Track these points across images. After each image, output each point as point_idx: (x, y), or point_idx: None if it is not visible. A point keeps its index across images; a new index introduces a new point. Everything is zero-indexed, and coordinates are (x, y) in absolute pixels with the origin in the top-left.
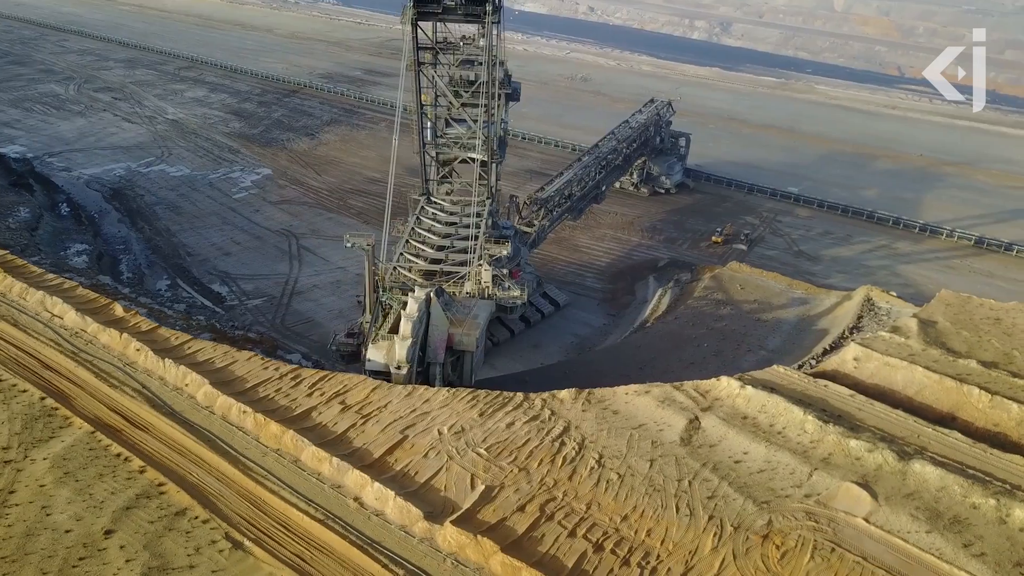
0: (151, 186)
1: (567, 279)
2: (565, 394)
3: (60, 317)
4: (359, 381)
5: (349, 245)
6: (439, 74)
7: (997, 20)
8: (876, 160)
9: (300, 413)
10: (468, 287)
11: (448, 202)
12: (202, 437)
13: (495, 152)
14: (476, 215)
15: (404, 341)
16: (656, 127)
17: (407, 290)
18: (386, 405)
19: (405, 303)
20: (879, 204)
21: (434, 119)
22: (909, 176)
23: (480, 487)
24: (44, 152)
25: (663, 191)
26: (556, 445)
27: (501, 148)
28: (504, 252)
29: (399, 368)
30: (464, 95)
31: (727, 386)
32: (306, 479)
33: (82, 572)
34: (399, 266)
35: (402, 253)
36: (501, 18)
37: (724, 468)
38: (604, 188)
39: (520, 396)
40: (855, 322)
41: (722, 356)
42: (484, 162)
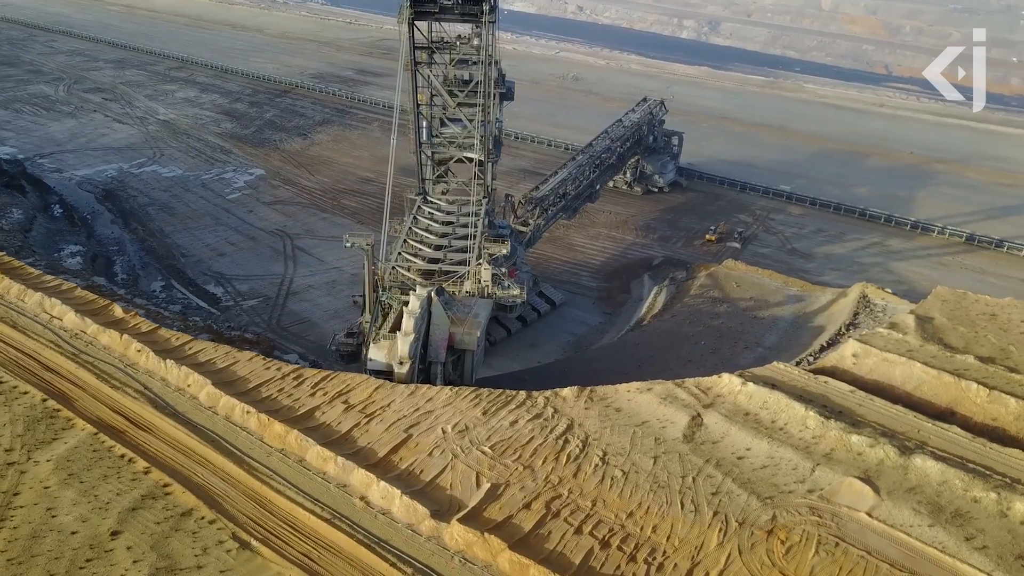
0: (143, 187)
1: (562, 278)
2: (567, 392)
3: (59, 319)
4: (362, 380)
5: (349, 245)
6: (434, 73)
7: (983, 19)
8: (867, 158)
9: (303, 413)
10: (468, 286)
11: (444, 201)
12: (206, 438)
13: (491, 151)
14: (475, 214)
15: (407, 337)
16: (649, 126)
17: (406, 290)
18: (389, 404)
19: (405, 302)
20: (871, 202)
21: (430, 119)
22: (900, 174)
23: (486, 485)
24: (35, 153)
25: (656, 190)
26: (560, 443)
27: (496, 147)
28: (504, 251)
29: (401, 364)
30: (459, 95)
31: (728, 383)
32: (311, 478)
33: (90, 573)
34: (398, 266)
35: (400, 253)
36: (497, 17)
37: (727, 464)
38: (598, 187)
39: (523, 394)
40: (851, 319)
41: (720, 354)
42: (480, 161)
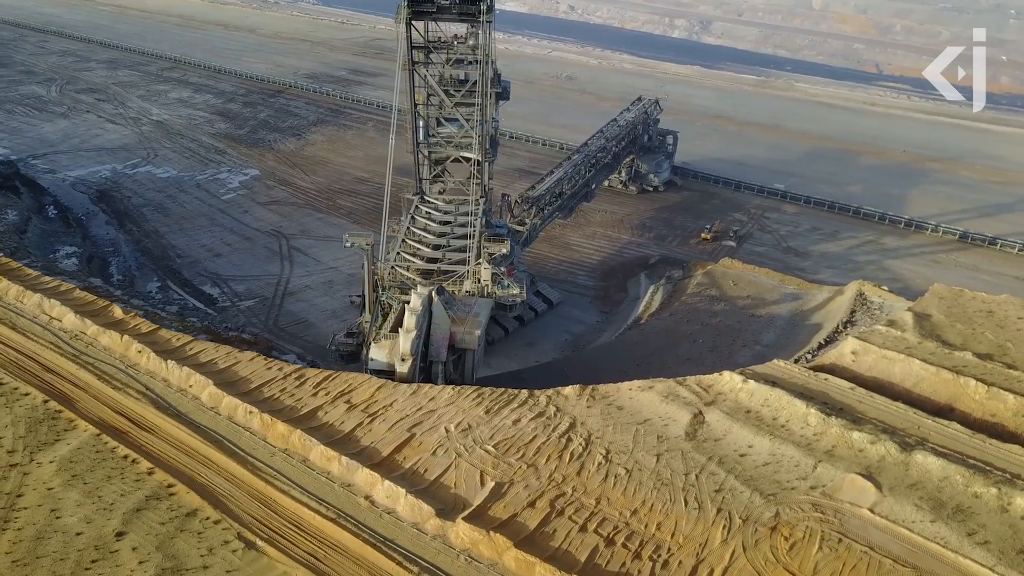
0: (138, 188)
1: (559, 277)
2: (569, 391)
3: (59, 320)
4: (364, 380)
5: (348, 245)
6: (431, 73)
7: (973, 17)
8: (860, 156)
9: (306, 413)
10: (467, 285)
11: (442, 201)
12: (209, 438)
13: (487, 151)
14: (472, 214)
15: (408, 334)
16: (644, 125)
17: (406, 289)
18: (392, 404)
19: (405, 302)
20: (865, 200)
21: (426, 118)
22: (893, 172)
23: (490, 484)
24: (28, 154)
25: (651, 189)
26: (563, 441)
27: (493, 147)
28: (504, 250)
29: (403, 360)
30: (456, 95)
31: (730, 380)
32: (315, 478)
33: (95, 574)
34: (397, 266)
35: (399, 253)
36: (493, 17)
37: (730, 462)
38: (594, 186)
39: (525, 393)
40: (848, 316)
41: (718, 352)
42: (477, 161)
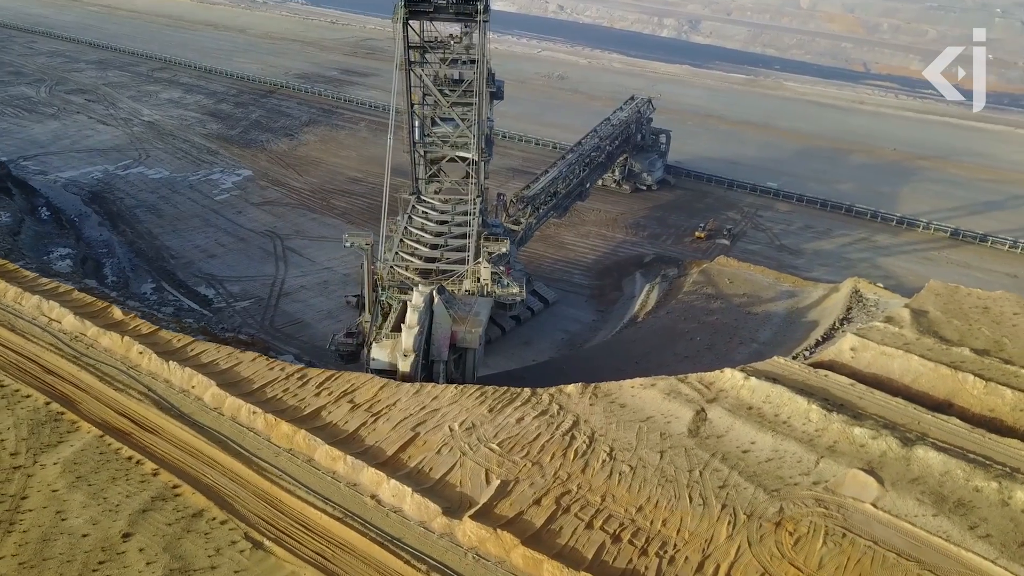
0: (130, 188)
1: (554, 276)
2: (572, 389)
3: (58, 321)
4: (366, 380)
5: (348, 244)
6: (426, 73)
7: (958, 16)
8: (851, 155)
9: (310, 413)
10: (467, 285)
11: (438, 201)
12: (213, 439)
13: (483, 150)
14: (468, 213)
15: (411, 330)
16: (637, 124)
17: (405, 289)
18: (395, 403)
19: (405, 302)
20: (857, 198)
21: (422, 118)
22: (884, 170)
23: (495, 482)
24: (18, 155)
25: (645, 188)
26: (567, 439)
27: (488, 146)
28: (504, 249)
29: (406, 356)
30: (450, 95)
31: (731, 377)
32: (321, 478)
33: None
34: (396, 265)
35: (398, 252)
36: (490, 17)
37: (733, 458)
38: (588, 185)
39: (528, 392)
40: (844, 313)
41: (715, 349)
42: (473, 161)
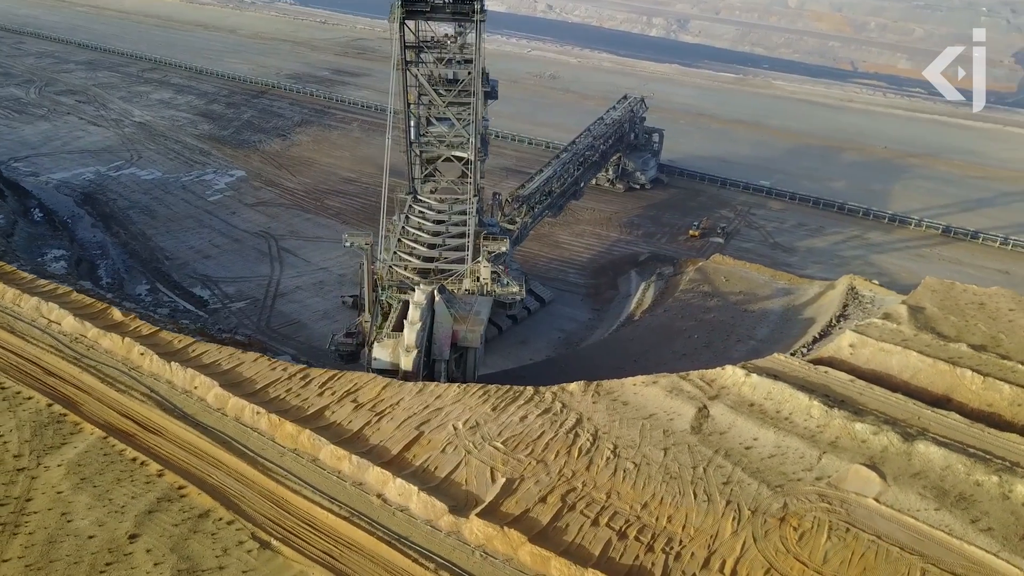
0: (123, 190)
1: (550, 275)
2: (574, 387)
3: (58, 323)
4: (369, 379)
5: (348, 244)
6: (421, 72)
7: (944, 15)
8: (842, 153)
9: (313, 412)
10: (466, 284)
11: (435, 200)
12: (217, 439)
13: (479, 150)
14: (465, 212)
15: (413, 326)
16: (630, 123)
17: (405, 289)
18: (398, 402)
19: (405, 301)
20: (849, 196)
21: (418, 117)
22: (875, 168)
23: (501, 480)
24: (9, 157)
25: (638, 186)
26: (571, 437)
27: (484, 146)
28: (503, 248)
29: (408, 352)
30: (445, 94)
31: (732, 375)
32: (326, 477)
33: None
34: (395, 265)
35: (396, 252)
36: (486, 16)
37: (736, 454)
38: (582, 184)
39: (530, 390)
40: (841, 310)
41: (713, 347)
42: (469, 160)
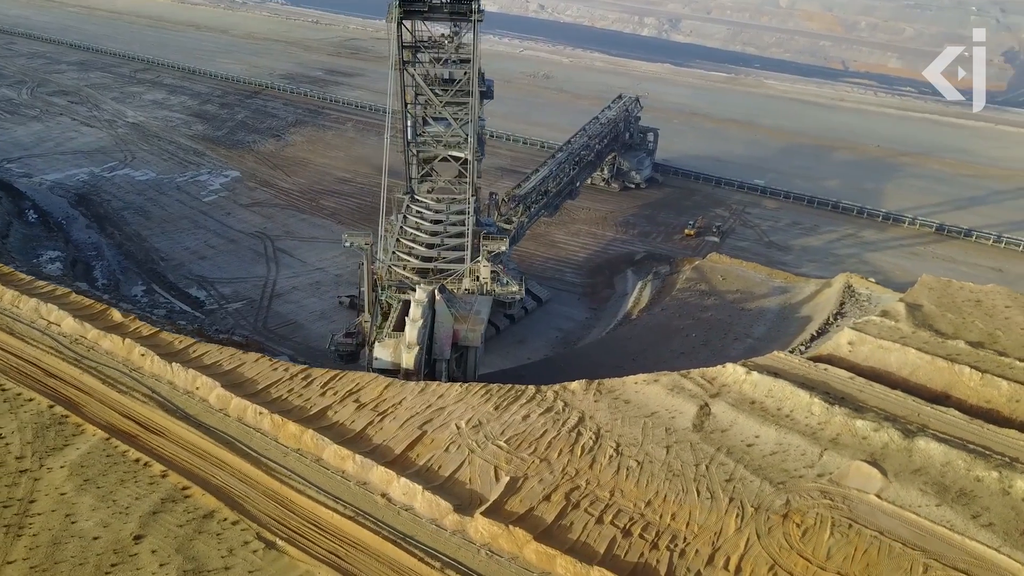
0: (117, 191)
1: (546, 275)
2: (576, 385)
3: (57, 324)
4: (371, 379)
5: (348, 244)
6: (417, 72)
7: (934, 15)
8: (835, 152)
9: (316, 412)
10: (466, 284)
11: (432, 200)
12: (220, 440)
13: (476, 149)
14: (463, 212)
15: (415, 323)
16: (625, 123)
17: (404, 288)
18: (401, 402)
19: (405, 301)
20: (842, 194)
21: (415, 117)
22: (868, 167)
23: (505, 478)
24: (2, 158)
25: (634, 186)
26: (573, 435)
27: (480, 145)
28: (503, 247)
29: (410, 348)
30: (441, 94)
31: (733, 372)
32: (331, 477)
33: None
34: (394, 265)
35: (394, 252)
36: (483, 16)
37: (738, 452)
38: (578, 184)
39: (532, 389)
40: (838, 308)
41: (711, 345)
42: (466, 160)
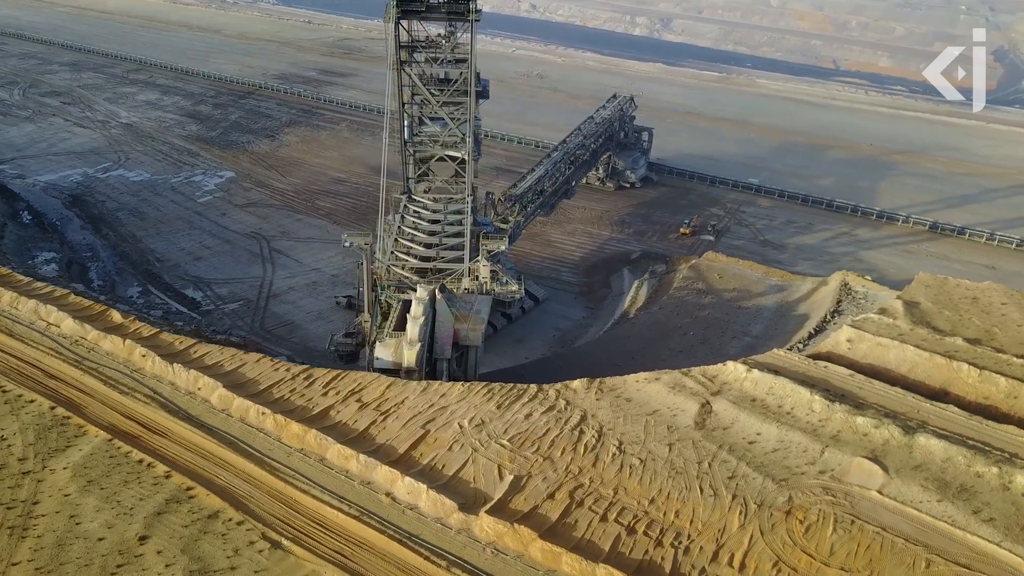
0: (111, 192)
1: (543, 274)
2: (578, 384)
3: (57, 325)
4: (373, 379)
5: (347, 244)
6: (414, 72)
7: (924, 14)
8: (828, 150)
9: (319, 412)
10: (465, 283)
11: (429, 199)
12: (224, 440)
13: (472, 149)
14: (461, 212)
15: (416, 320)
16: (620, 122)
17: (403, 288)
18: (403, 401)
19: (405, 301)
20: (836, 193)
21: (411, 117)
22: (861, 165)
23: (508, 477)
24: None
25: (629, 185)
26: (576, 434)
27: (476, 145)
28: (503, 247)
29: (412, 345)
30: (438, 94)
31: (734, 370)
32: (335, 477)
33: None
34: (393, 264)
35: (393, 252)
36: (481, 16)
37: (740, 449)
38: (574, 183)
39: (534, 388)
40: (835, 306)
41: (709, 344)
42: (462, 160)
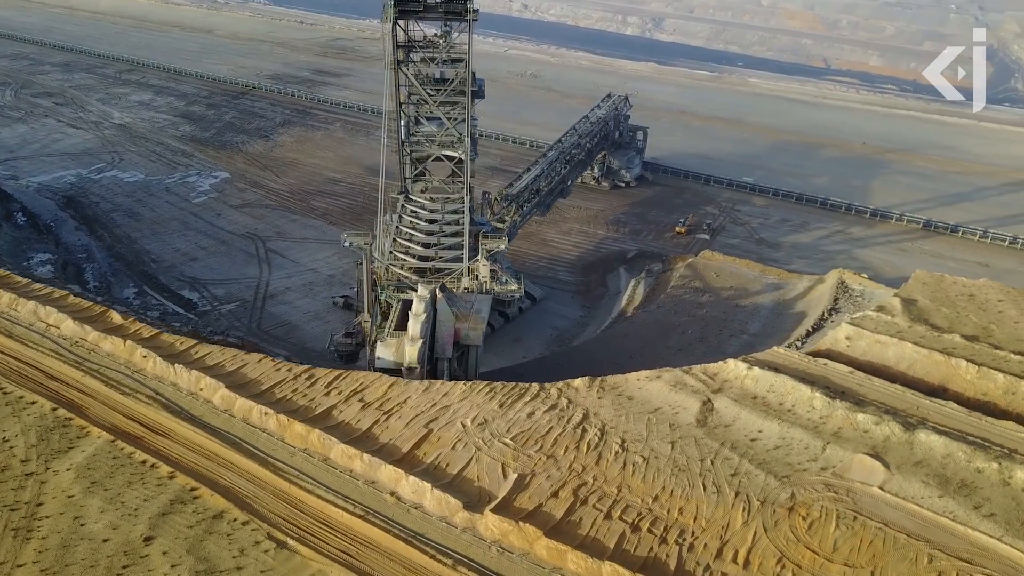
0: (105, 193)
1: (539, 273)
2: (579, 383)
3: (57, 327)
4: (375, 378)
5: (347, 244)
6: (410, 72)
7: (915, 13)
8: (822, 149)
9: (321, 412)
10: (465, 283)
11: (427, 199)
12: (227, 440)
13: (469, 149)
14: (458, 211)
15: (417, 318)
16: (615, 121)
17: (403, 288)
18: (406, 400)
19: (405, 300)
20: (830, 191)
21: (408, 117)
22: (855, 164)
23: (512, 475)
24: None
25: (624, 184)
26: (578, 432)
27: (473, 144)
28: (502, 246)
29: (413, 342)
30: (435, 94)
31: (734, 368)
32: (339, 476)
33: None
34: (392, 264)
35: (392, 251)
36: (478, 16)
37: (742, 446)
38: (569, 183)
39: (536, 386)
40: (832, 304)
41: (707, 342)
42: (459, 159)
